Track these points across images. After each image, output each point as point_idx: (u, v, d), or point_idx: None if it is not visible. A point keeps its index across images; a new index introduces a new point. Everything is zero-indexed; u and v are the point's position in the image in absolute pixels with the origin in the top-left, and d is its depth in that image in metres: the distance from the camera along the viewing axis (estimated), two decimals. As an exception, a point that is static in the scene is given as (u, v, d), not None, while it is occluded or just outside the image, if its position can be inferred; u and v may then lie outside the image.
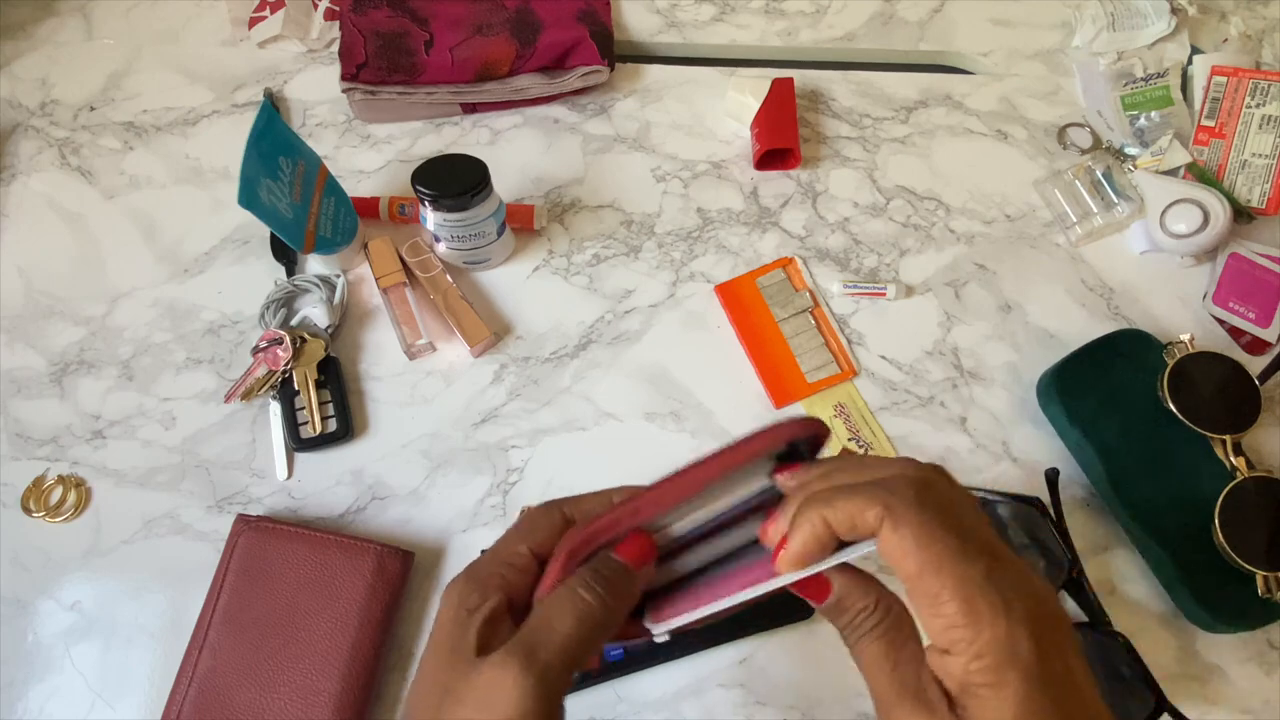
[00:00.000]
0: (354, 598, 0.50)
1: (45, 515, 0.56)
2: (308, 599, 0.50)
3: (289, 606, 0.50)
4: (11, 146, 0.71)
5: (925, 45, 0.74)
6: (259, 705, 0.48)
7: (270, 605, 0.50)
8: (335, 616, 0.50)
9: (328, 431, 0.58)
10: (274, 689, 0.48)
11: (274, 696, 0.48)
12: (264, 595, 0.51)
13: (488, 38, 0.70)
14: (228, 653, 0.49)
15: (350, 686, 0.48)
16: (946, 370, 0.60)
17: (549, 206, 0.67)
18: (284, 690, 0.48)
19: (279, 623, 0.50)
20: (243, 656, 0.49)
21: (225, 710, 0.48)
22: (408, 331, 0.60)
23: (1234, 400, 0.54)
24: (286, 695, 0.48)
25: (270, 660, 0.49)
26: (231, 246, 0.66)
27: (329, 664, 0.49)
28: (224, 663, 0.49)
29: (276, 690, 0.48)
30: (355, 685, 0.48)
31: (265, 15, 0.74)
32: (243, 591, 0.51)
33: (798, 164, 0.67)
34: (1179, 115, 0.68)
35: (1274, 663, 0.52)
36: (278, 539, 0.52)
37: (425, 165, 0.58)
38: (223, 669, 0.49)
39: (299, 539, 0.52)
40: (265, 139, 0.55)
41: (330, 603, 0.50)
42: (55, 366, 0.61)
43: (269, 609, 0.50)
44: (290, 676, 0.49)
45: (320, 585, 0.51)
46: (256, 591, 0.51)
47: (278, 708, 0.48)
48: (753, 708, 0.51)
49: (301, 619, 0.50)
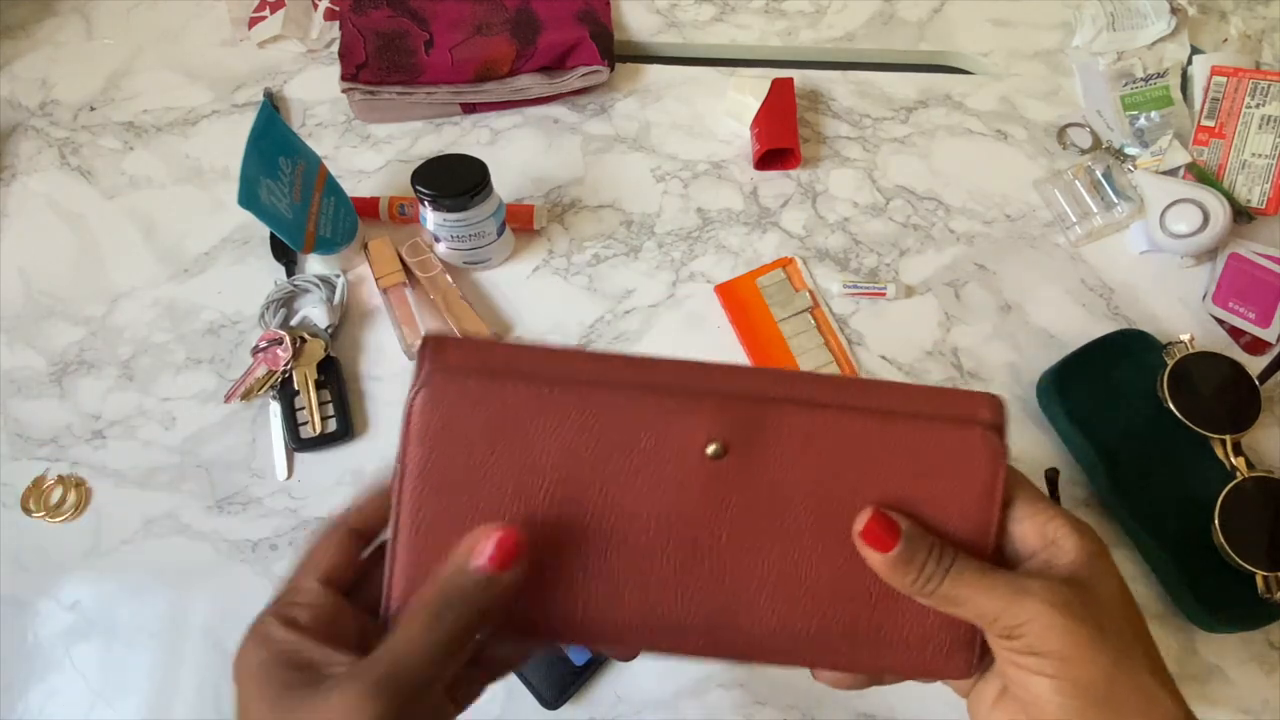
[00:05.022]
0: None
1: (45, 515, 0.56)
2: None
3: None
4: (11, 146, 0.71)
5: (925, 45, 0.74)
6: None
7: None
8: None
9: (328, 431, 0.58)
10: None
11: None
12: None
13: (488, 38, 0.70)
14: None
15: None
16: (946, 370, 0.60)
17: (549, 206, 0.67)
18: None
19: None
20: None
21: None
22: (408, 331, 0.60)
23: (1234, 400, 0.54)
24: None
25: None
26: (231, 246, 0.66)
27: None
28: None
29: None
30: None
31: (265, 15, 0.74)
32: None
33: (798, 164, 0.67)
34: (1179, 115, 0.68)
35: (1274, 663, 0.52)
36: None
37: (425, 165, 0.58)
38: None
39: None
40: (265, 139, 0.55)
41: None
42: (55, 366, 0.61)
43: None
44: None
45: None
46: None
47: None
48: (753, 708, 0.51)
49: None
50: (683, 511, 0.29)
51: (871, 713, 0.51)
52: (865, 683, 0.32)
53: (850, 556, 0.29)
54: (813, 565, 0.30)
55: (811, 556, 0.30)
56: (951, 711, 0.51)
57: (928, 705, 0.51)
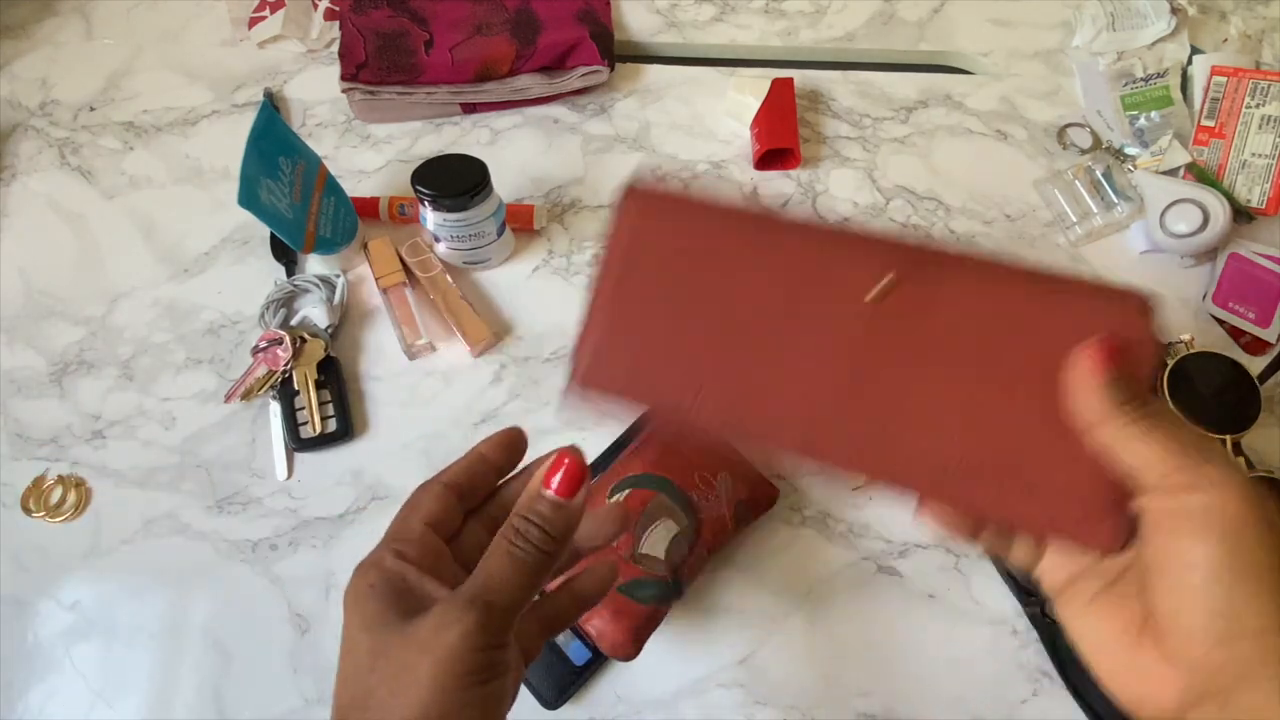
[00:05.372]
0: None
1: (45, 515, 0.56)
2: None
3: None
4: (11, 146, 0.71)
5: (925, 45, 0.74)
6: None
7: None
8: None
9: (328, 431, 0.58)
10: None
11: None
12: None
13: (488, 38, 0.70)
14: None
15: None
16: (946, 370, 0.60)
17: (549, 206, 0.67)
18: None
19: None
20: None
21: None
22: (408, 331, 0.60)
23: (1234, 400, 0.54)
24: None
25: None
26: (231, 246, 0.66)
27: None
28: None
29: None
30: None
31: (265, 15, 0.74)
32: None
33: (798, 164, 0.67)
34: (1179, 115, 0.68)
35: (1274, 663, 0.52)
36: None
37: (425, 165, 0.58)
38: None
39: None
40: (265, 139, 0.55)
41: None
42: (55, 366, 0.61)
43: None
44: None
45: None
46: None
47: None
48: (753, 708, 0.51)
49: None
50: (851, 338, 0.32)
51: (872, 713, 0.51)
52: (982, 534, 0.32)
53: (1013, 401, 0.30)
54: (976, 403, 0.31)
55: (975, 395, 0.31)
56: (952, 711, 0.51)
57: (928, 705, 0.51)
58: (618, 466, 0.52)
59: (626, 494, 0.50)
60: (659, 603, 0.49)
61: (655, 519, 0.49)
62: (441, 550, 0.31)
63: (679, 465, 0.51)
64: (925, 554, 0.55)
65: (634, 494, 0.50)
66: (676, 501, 0.50)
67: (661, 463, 0.51)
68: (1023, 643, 0.52)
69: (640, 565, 0.48)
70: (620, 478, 0.51)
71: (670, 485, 0.50)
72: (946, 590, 0.54)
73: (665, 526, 0.49)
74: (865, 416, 0.31)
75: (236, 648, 0.53)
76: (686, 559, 0.50)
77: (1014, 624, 0.53)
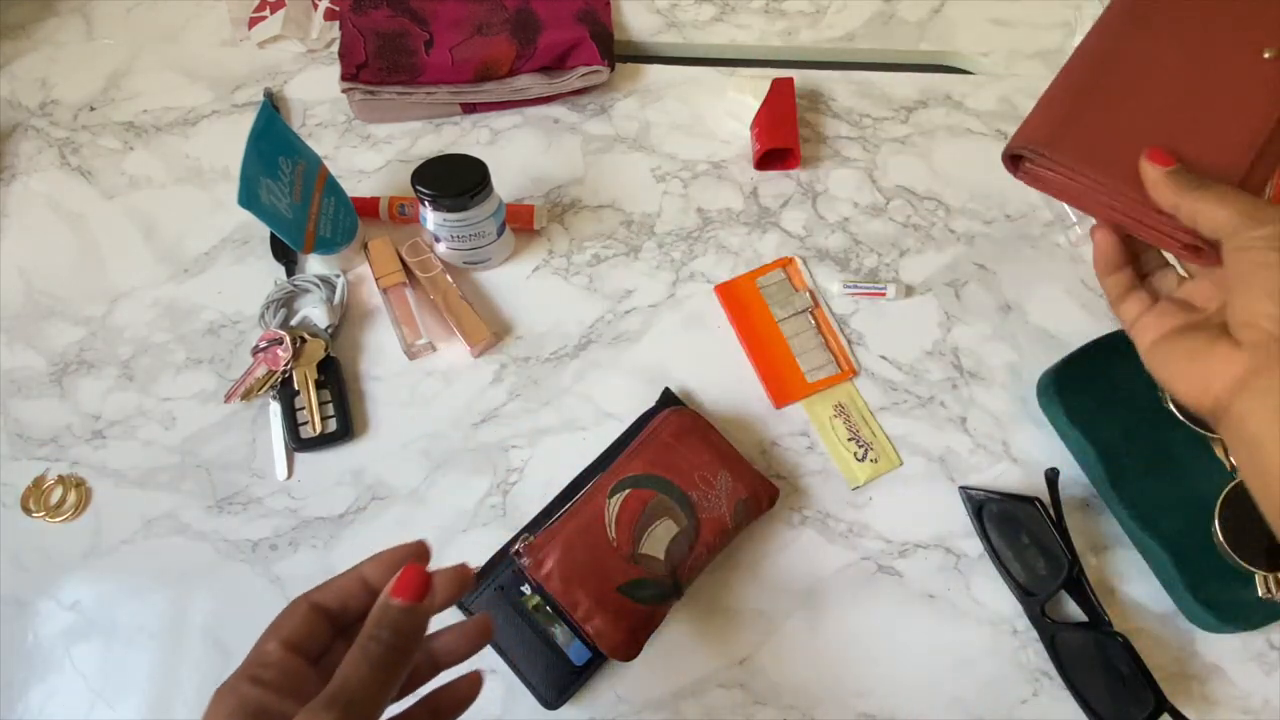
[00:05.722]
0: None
1: (45, 515, 0.56)
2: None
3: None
4: (11, 146, 0.71)
5: (925, 45, 0.74)
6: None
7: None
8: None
9: (328, 431, 0.58)
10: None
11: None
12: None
13: (488, 38, 0.70)
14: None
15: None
16: (946, 370, 0.60)
17: (549, 206, 0.67)
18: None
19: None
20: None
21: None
22: (408, 331, 0.60)
23: None
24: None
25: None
26: (231, 246, 0.66)
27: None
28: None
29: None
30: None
31: (265, 15, 0.74)
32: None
33: (798, 164, 0.67)
34: (1179, 115, 0.68)
35: (1274, 663, 0.52)
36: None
37: (425, 165, 0.58)
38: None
39: None
40: (265, 139, 0.55)
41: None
42: (55, 366, 0.61)
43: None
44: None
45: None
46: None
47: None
48: (753, 708, 0.51)
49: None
50: (1270, 89, 0.38)
51: (871, 713, 0.51)
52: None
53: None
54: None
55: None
56: (952, 711, 0.51)
57: (928, 706, 0.51)
58: (618, 466, 0.52)
59: (626, 494, 0.50)
60: (658, 603, 0.49)
61: (655, 519, 0.49)
62: (303, 671, 0.31)
63: (679, 465, 0.51)
64: (925, 554, 0.55)
65: (634, 494, 0.50)
66: (676, 501, 0.50)
67: (661, 463, 0.51)
68: (1023, 643, 0.52)
69: (640, 565, 0.48)
70: (620, 478, 0.51)
71: (670, 485, 0.50)
72: (946, 590, 0.54)
73: (665, 526, 0.49)
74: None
75: (237, 647, 0.53)
76: (686, 559, 0.50)
77: (1014, 624, 0.53)
